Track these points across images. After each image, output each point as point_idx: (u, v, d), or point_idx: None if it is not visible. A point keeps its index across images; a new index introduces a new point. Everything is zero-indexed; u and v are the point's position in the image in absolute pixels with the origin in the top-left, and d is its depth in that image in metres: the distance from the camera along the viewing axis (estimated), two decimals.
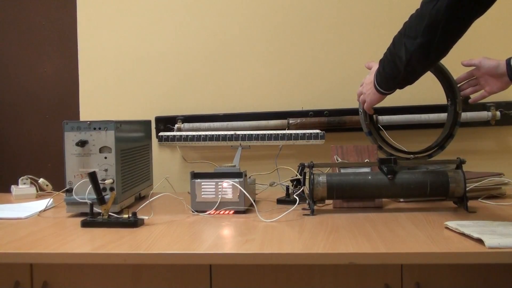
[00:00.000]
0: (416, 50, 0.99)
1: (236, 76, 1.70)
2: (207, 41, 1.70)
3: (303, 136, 1.43)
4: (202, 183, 1.23)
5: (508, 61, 1.20)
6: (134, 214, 1.11)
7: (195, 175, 1.25)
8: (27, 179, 1.57)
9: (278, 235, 0.99)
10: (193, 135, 1.49)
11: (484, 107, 1.56)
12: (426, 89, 1.55)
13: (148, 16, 1.71)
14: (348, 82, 1.65)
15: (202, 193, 1.23)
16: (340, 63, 1.66)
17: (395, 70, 1.09)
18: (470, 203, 1.20)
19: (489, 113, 1.55)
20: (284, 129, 1.57)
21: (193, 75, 1.71)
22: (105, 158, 1.23)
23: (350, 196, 1.21)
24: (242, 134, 1.48)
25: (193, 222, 1.14)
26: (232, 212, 1.23)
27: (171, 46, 1.71)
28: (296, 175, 1.36)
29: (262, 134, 1.47)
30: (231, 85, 1.71)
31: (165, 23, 1.71)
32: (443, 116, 1.52)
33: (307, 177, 1.23)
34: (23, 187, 1.55)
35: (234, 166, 1.30)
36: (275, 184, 1.42)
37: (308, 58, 1.65)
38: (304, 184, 1.31)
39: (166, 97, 1.72)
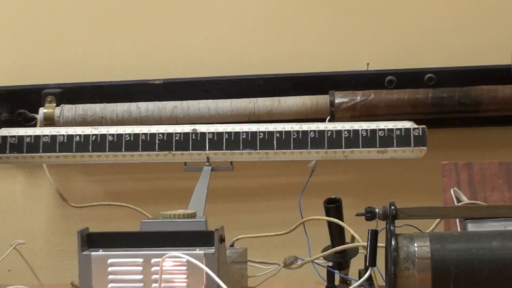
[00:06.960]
0: None
1: None
2: None
3: (369, 140, 1.18)
4: (110, 261, 0.98)
5: None
6: None
7: (92, 240, 1.04)
8: None
9: None
10: (87, 135, 1.21)
11: None
12: None
13: None
14: (474, 11, 1.34)
15: (111, 285, 0.98)
16: None
17: None
18: None
19: None
20: (323, 121, 1.27)
21: None
22: None
23: None
24: (210, 132, 1.19)
25: None
26: None
27: None
28: (350, 239, 1.11)
29: (262, 132, 1.20)
30: (181, 11, 1.40)
31: None
32: None
33: (381, 244, 0.96)
34: None
35: (193, 214, 1.07)
36: (299, 261, 1.12)
37: None
38: (374, 263, 0.99)
39: (18, 44, 1.45)
